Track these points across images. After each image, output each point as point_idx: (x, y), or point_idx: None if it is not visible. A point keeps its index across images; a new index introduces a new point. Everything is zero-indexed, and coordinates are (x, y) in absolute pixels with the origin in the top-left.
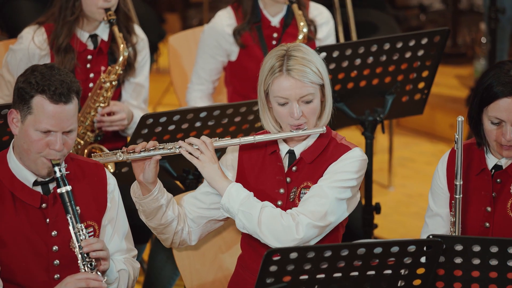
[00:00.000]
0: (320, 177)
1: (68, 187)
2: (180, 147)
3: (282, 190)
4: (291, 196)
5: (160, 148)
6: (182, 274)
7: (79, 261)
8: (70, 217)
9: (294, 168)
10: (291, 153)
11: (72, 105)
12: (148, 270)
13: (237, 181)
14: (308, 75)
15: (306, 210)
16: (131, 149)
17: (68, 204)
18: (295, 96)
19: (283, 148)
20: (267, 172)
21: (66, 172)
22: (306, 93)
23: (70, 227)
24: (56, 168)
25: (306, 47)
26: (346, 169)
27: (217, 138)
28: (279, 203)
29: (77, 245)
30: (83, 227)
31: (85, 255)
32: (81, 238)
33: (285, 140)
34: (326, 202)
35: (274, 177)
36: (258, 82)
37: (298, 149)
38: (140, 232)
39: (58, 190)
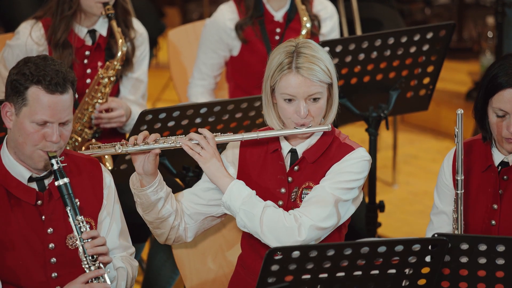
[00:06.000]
0: (322, 177)
1: (66, 179)
2: (180, 142)
3: (283, 190)
4: (292, 196)
5: (161, 142)
6: (182, 274)
7: (80, 254)
8: (70, 210)
9: (296, 168)
10: (293, 152)
11: (68, 95)
12: (147, 269)
13: (237, 178)
14: (317, 74)
15: (309, 212)
16: (131, 141)
17: (67, 196)
18: (303, 94)
19: (285, 147)
20: (269, 171)
21: (63, 165)
22: (314, 91)
23: (70, 219)
24: (53, 161)
25: (315, 44)
26: (349, 170)
27: (220, 133)
28: (280, 203)
29: (78, 237)
30: (83, 219)
31: (86, 249)
32: (81, 230)
33: (287, 138)
34: (329, 204)
35: (276, 176)
36: (264, 77)
37: (301, 148)
38: (139, 231)
39: (56, 183)
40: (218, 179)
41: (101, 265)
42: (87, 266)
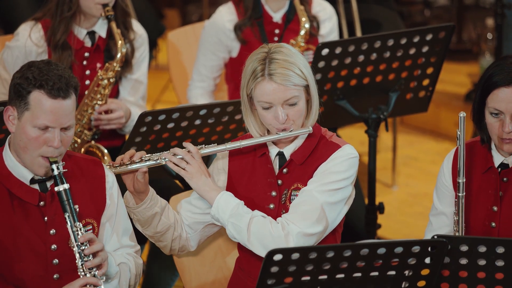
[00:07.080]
0: (310, 178)
1: (66, 185)
2: (165, 158)
3: (274, 193)
4: (283, 199)
5: (146, 160)
6: (181, 275)
7: (77, 260)
8: (68, 216)
9: (285, 170)
10: (280, 155)
11: (71, 101)
12: (146, 271)
13: (228, 184)
14: (291, 79)
15: (296, 218)
16: (118, 161)
17: (66, 202)
18: (279, 101)
19: (273, 150)
20: (258, 174)
21: (64, 170)
22: (290, 96)
23: (68, 226)
24: (54, 166)
25: (288, 48)
26: (335, 170)
27: (203, 145)
28: (271, 206)
29: (75, 244)
30: (81, 226)
31: (84, 254)
32: (79, 237)
33: (274, 142)
34: (316, 208)
35: (266, 179)
36: (241, 86)
37: (288, 151)
38: (138, 232)
39: (56, 188)
40: (206, 193)
41: (97, 273)
42: (83, 274)
